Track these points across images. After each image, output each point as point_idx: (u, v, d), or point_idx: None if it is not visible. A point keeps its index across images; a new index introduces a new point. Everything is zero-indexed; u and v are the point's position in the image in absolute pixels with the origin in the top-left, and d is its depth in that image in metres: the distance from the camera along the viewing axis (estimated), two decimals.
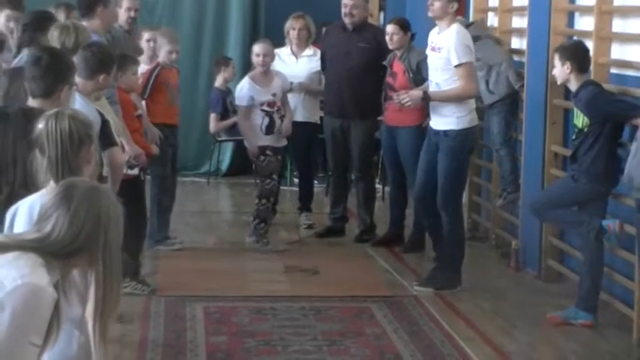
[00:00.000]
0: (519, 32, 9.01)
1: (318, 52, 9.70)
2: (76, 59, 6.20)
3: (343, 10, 9.23)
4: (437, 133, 7.78)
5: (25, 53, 7.18)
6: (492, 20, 9.67)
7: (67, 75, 4.88)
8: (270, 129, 8.93)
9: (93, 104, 6.16)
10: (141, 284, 7.48)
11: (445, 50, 7.58)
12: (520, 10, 9.03)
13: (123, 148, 7.00)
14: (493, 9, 9.59)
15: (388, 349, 6.54)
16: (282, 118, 8.95)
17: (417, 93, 7.95)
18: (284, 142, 9.05)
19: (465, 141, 7.70)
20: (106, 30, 7.74)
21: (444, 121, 7.70)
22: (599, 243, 6.84)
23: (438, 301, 7.51)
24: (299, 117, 9.49)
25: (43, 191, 3.82)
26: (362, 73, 9.13)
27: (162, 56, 8.64)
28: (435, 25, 7.80)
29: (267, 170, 8.92)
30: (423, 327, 6.93)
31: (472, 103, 7.77)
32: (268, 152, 8.91)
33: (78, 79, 6.16)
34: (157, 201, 8.57)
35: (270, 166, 8.91)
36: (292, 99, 9.46)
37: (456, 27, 7.64)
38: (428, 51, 7.82)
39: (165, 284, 7.72)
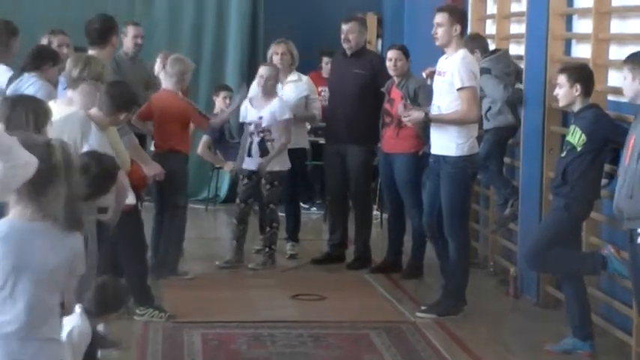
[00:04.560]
0: (517, 60, 9.02)
1: (304, 78, 9.71)
2: (89, 93, 6.26)
3: (342, 37, 9.29)
4: (437, 160, 7.78)
5: (25, 76, 7.24)
6: (490, 28, 9.70)
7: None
8: (248, 152, 9.01)
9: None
10: (158, 311, 7.49)
11: (449, 74, 7.60)
12: (517, 37, 9.06)
13: (140, 170, 7.10)
14: (491, 16, 9.62)
15: None
16: (261, 143, 9.06)
17: (418, 114, 7.96)
18: (264, 168, 9.07)
19: (465, 167, 7.68)
20: (112, 57, 7.83)
21: (444, 146, 7.69)
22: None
23: (436, 327, 7.51)
24: (290, 144, 9.50)
25: None
26: (357, 99, 9.15)
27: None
28: (440, 54, 7.84)
29: (238, 194, 9.19)
30: (421, 354, 6.92)
31: (474, 130, 7.74)
32: (241, 177, 9.06)
33: (98, 113, 6.22)
34: (182, 230, 8.66)
35: (239, 191, 9.16)
36: None
37: (462, 52, 7.66)
38: (435, 76, 7.83)
39: None
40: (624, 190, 6.07)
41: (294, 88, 9.60)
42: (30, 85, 7.00)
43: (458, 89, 7.56)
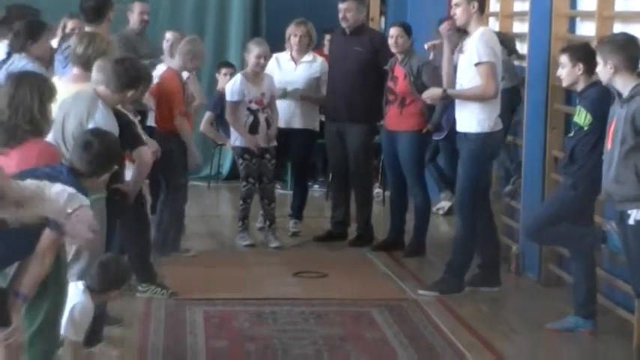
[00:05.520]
0: (520, 37, 9.00)
1: (318, 58, 9.70)
2: (102, 68, 6.25)
3: (339, 15, 9.26)
4: (459, 137, 7.78)
5: (16, 58, 7.21)
6: (493, 26, 9.65)
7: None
8: (253, 128, 8.99)
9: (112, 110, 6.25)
10: (160, 287, 7.50)
11: (469, 51, 7.60)
12: (521, 15, 9.03)
13: None
14: (494, 14, 9.59)
15: (388, 353, 6.54)
16: (267, 119, 9.02)
17: (436, 90, 7.94)
18: (271, 143, 9.07)
19: (485, 145, 7.64)
20: (109, 33, 7.79)
21: (465, 122, 7.67)
22: (593, 250, 6.85)
23: (438, 305, 7.51)
24: (296, 124, 9.46)
25: None
26: (357, 77, 9.12)
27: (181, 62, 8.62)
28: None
29: (243, 173, 9.08)
30: (423, 332, 6.93)
31: (496, 106, 7.69)
32: (246, 156, 8.98)
33: (105, 90, 6.20)
34: (182, 210, 8.66)
35: (246, 170, 9.04)
36: (290, 106, 9.44)
37: (481, 29, 7.67)
38: (458, 54, 7.82)
39: None
40: (611, 174, 6.09)
41: (307, 68, 9.58)
42: (21, 68, 6.97)
43: (476, 64, 7.54)
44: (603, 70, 6.19)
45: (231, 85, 9.10)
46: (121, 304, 6.94)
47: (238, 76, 9.14)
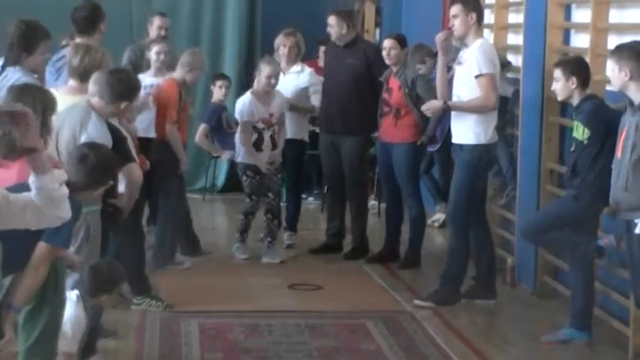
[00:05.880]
0: (515, 49, 9.02)
1: (306, 69, 9.68)
2: (98, 80, 6.24)
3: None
4: (454, 149, 7.79)
5: (10, 72, 7.18)
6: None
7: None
8: (257, 147, 8.98)
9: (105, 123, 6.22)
10: (155, 300, 7.48)
11: (468, 63, 7.61)
12: (515, 27, 9.05)
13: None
14: (488, 26, 9.60)
15: None
16: (272, 136, 9.02)
17: (437, 102, 7.94)
18: (274, 164, 9.07)
19: (480, 157, 7.65)
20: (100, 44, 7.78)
21: (462, 133, 7.68)
22: (592, 262, 6.85)
23: (433, 317, 7.51)
24: (286, 134, 9.46)
25: None
26: (350, 89, 9.12)
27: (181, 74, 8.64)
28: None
29: (247, 190, 9.09)
30: (418, 343, 6.92)
31: (493, 119, 7.69)
32: (249, 173, 8.98)
33: (99, 101, 6.19)
34: (176, 221, 8.65)
35: (250, 187, 9.05)
36: None
37: (480, 40, 7.68)
38: (455, 66, 7.83)
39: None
40: (619, 182, 6.09)
41: (295, 79, 9.56)
42: (15, 81, 6.94)
43: (476, 76, 7.55)
44: (617, 77, 6.18)
45: (241, 105, 9.07)
46: (116, 316, 6.93)
47: (248, 96, 9.09)
